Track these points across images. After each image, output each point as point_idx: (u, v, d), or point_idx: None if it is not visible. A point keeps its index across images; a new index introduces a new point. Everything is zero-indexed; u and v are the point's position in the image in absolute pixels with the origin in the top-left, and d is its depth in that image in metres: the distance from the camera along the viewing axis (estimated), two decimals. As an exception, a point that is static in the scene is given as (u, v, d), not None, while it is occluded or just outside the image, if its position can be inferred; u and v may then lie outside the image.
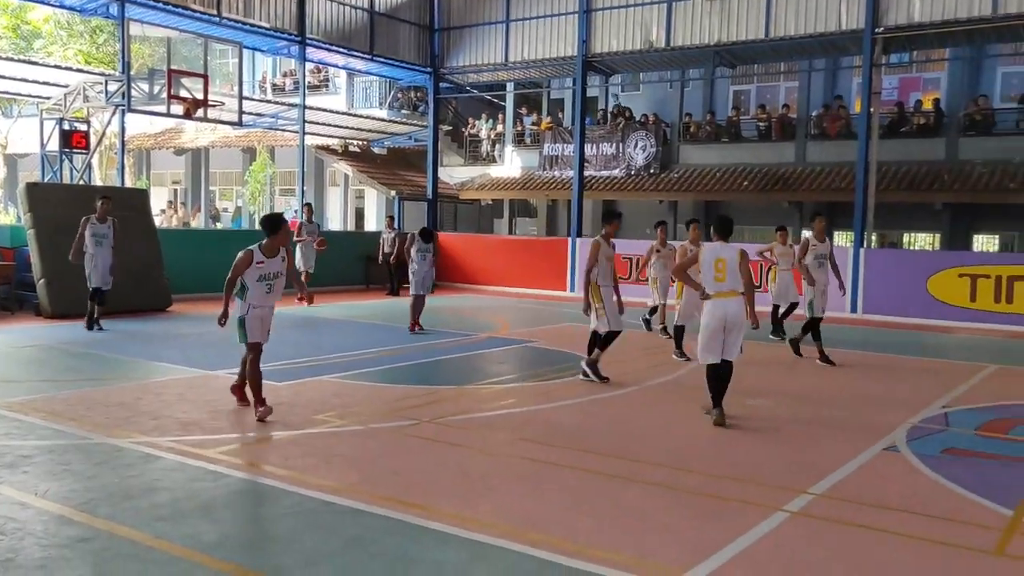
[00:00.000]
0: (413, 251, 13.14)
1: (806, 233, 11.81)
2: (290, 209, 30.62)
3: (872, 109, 18.26)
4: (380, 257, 19.94)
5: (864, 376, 10.23)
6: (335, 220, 30.90)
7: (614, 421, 7.62)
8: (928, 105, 22.59)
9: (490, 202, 29.77)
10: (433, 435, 6.82)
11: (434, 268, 14.06)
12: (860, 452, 6.56)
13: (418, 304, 13.08)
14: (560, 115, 28.41)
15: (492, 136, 29.32)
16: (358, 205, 31.25)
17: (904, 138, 21.92)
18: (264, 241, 7.22)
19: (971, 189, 20.31)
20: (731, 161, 24.48)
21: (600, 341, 9.32)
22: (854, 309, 17.07)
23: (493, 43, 22.69)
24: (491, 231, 30.29)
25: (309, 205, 17.61)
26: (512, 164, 28.38)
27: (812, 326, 11.00)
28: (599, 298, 9.24)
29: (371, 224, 29.51)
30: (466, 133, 29.86)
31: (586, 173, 24.39)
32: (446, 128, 29.45)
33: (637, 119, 26.04)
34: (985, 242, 23.32)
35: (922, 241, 24.14)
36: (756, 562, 4.38)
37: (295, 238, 16.09)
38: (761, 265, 16.52)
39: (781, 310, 13.44)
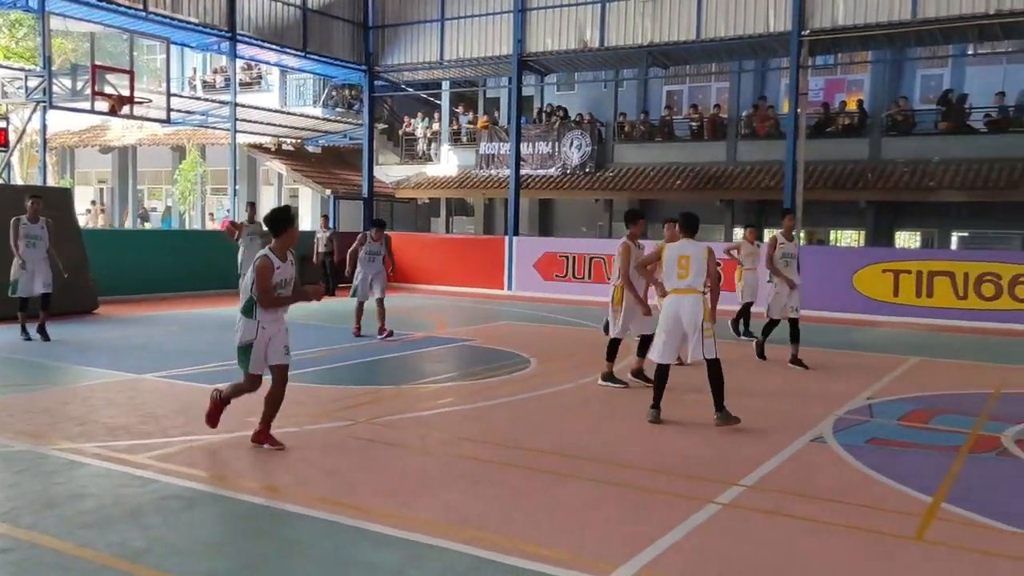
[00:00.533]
0: (362, 252, 12.49)
1: (774, 231, 11.54)
2: (222, 208, 30.04)
3: (799, 110, 18.74)
4: (315, 257, 19.70)
5: (794, 370, 10.47)
6: (269, 219, 30.36)
7: (551, 418, 7.67)
8: (852, 106, 23.28)
9: (427, 201, 29.66)
10: (370, 435, 6.78)
11: (384, 271, 12.78)
12: (789, 444, 6.74)
13: (361, 310, 12.57)
14: (496, 114, 28.49)
15: (428, 135, 29.21)
16: (293, 204, 30.81)
17: (830, 138, 22.54)
18: (272, 243, 6.23)
19: (893, 187, 21.00)
20: (665, 160, 24.85)
21: (610, 347, 9.11)
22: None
23: (428, 41, 22.61)
24: (428, 230, 30.19)
25: (252, 204, 17.24)
26: (449, 163, 28.32)
27: (771, 327, 11.02)
28: (620, 300, 8.94)
29: (307, 223, 29.13)
30: (402, 131, 29.71)
31: (522, 172, 24.49)
32: (382, 126, 29.26)
33: (572, 118, 26.24)
34: (907, 238, 24.14)
35: (848, 238, 24.87)
36: (688, 554, 4.47)
37: (235, 239, 15.38)
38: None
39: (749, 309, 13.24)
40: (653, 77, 25.55)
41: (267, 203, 30.87)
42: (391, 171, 29.00)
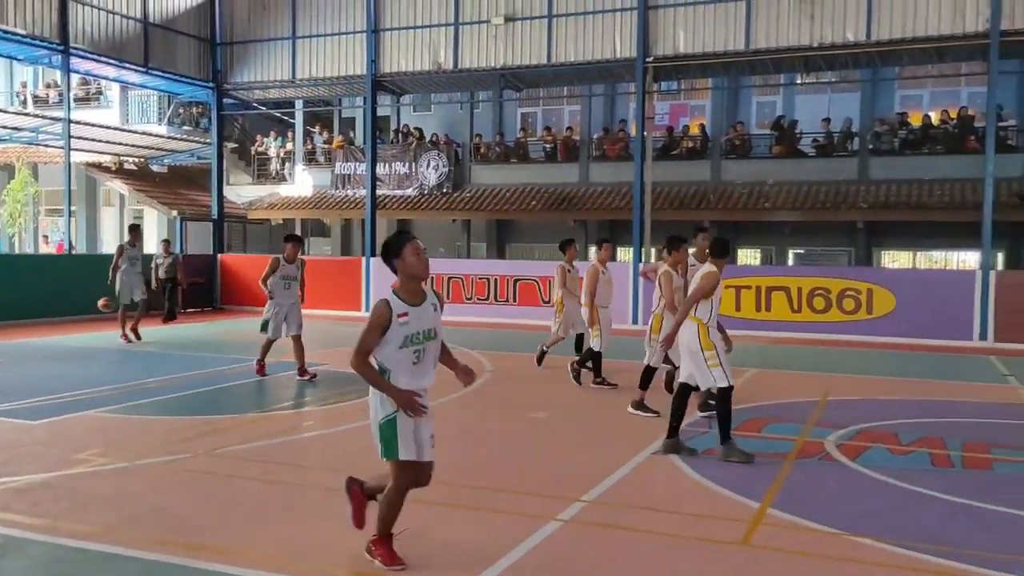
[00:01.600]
0: (274, 278, 10.65)
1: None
2: (57, 231, 28.27)
3: (646, 133, 19.50)
4: (155, 282, 18.66)
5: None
6: (110, 242, 28.79)
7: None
8: (695, 130, 24.46)
9: (281, 222, 28.91)
10: (208, 468, 6.50)
11: (299, 304, 10.96)
12: (631, 458, 6.93)
13: (268, 347, 10.86)
14: (352, 133, 28.19)
15: (282, 154, 28.56)
16: (138, 225, 29.30)
17: (675, 160, 23.58)
18: (395, 282, 4.51)
19: (733, 208, 22.18)
20: (520, 181, 25.29)
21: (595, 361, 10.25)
22: (635, 321, 18.09)
23: (280, 59, 22.13)
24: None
25: (135, 226, 15.64)
26: (303, 183, 27.76)
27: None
28: (659, 329, 8.83)
29: (151, 246, 27.78)
30: (254, 151, 28.90)
31: (379, 192, 24.32)
32: (232, 145, 28.37)
33: (429, 139, 26.31)
34: (749, 256, 25.49)
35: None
36: (527, 571, 4.52)
37: (114, 264, 14.27)
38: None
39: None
40: (507, 99, 25.99)
41: (110, 225, 29.29)
42: (243, 191, 28.14)
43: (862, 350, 15.08)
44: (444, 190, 25.30)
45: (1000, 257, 21.58)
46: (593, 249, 25.61)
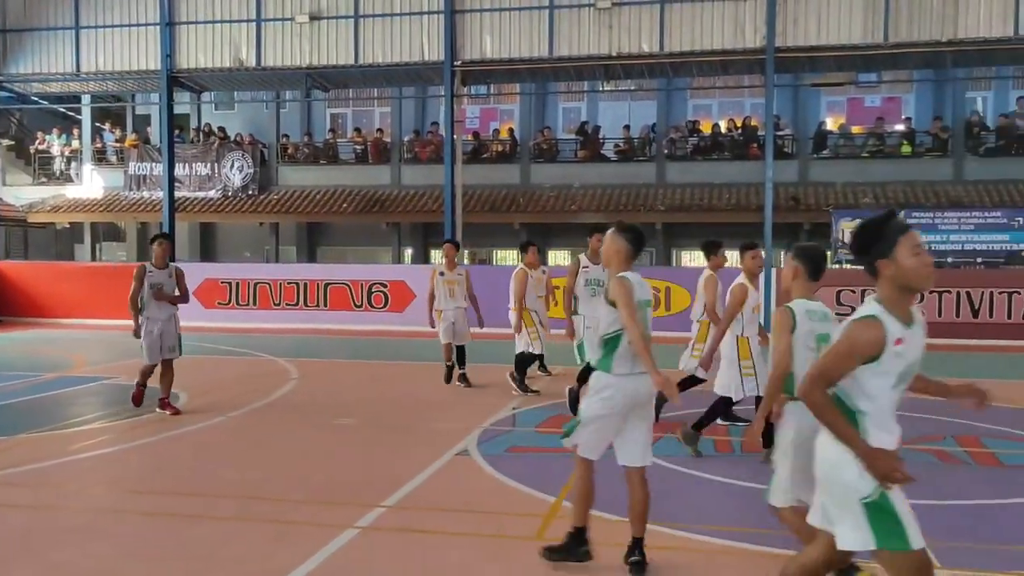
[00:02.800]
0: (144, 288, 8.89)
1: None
2: None
3: (456, 136, 19.67)
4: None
5: (455, 386, 10.84)
6: None
7: (192, 457, 7.21)
8: (505, 134, 24.94)
9: (68, 225, 26.76)
10: (-33, 497, 5.88)
11: (176, 319, 9.13)
12: (435, 460, 6.94)
13: (149, 372, 8.98)
14: (148, 132, 26.53)
15: (67, 152, 26.43)
16: None
17: (485, 163, 23.93)
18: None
19: (541, 210, 22.79)
20: (330, 183, 24.78)
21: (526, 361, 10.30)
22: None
23: (62, 50, 20.51)
24: (71, 257, 27.24)
25: None
26: (93, 184, 25.85)
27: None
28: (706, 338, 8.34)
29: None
30: (34, 148, 26.55)
31: (180, 194, 23.10)
32: (7, 142, 25.96)
33: (233, 139, 25.24)
34: (560, 257, 26.25)
35: (509, 258, 26.48)
36: (320, 584, 4.41)
37: None
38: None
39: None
40: (315, 99, 25.41)
41: None
42: (22, 192, 25.82)
43: (663, 345, 15.87)
44: (250, 192, 24.36)
45: (781, 255, 23.47)
46: (410, 251, 25.68)
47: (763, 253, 7.71)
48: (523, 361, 10.42)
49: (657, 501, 5.78)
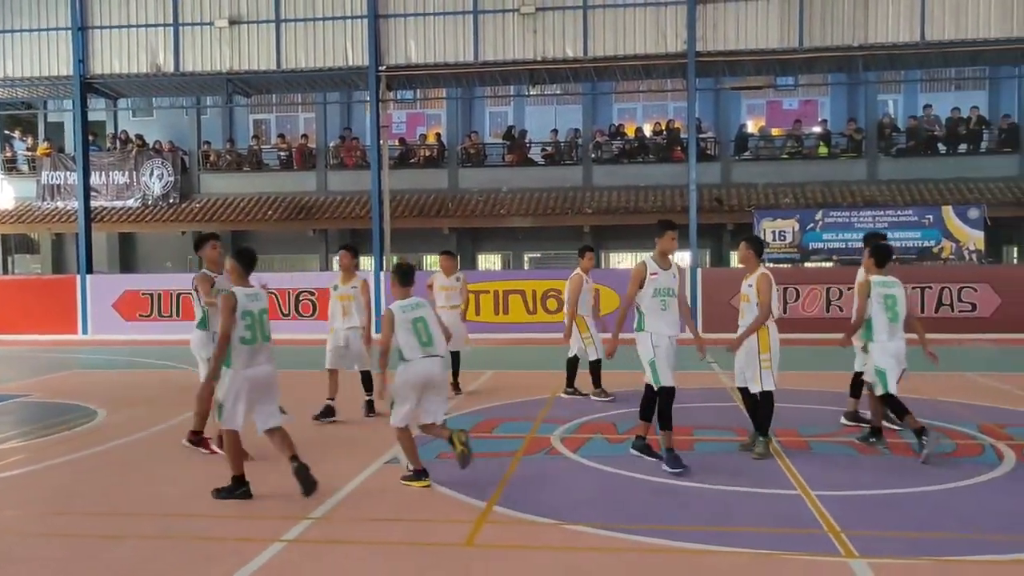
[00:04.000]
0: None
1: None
2: None
3: (381, 141, 19.53)
4: None
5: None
6: None
7: (112, 474, 6.97)
8: (432, 139, 24.86)
9: (-23, 237, 25.71)
10: None
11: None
12: (364, 469, 6.86)
13: None
14: (61, 140, 25.65)
15: (-25, 162, 25.38)
16: None
17: (413, 168, 23.83)
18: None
19: (471, 215, 22.78)
20: (255, 190, 24.35)
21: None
22: (379, 329, 17.99)
23: (-35, 55, 19.69)
24: (-19, 271, 26.17)
25: None
26: (3, 194, 24.87)
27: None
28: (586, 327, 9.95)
29: None
30: (-62, 158, 25.45)
31: (97, 203, 22.45)
32: (-91, 151, 24.82)
33: (152, 146, 24.58)
34: (490, 261, 26.28)
35: (438, 263, 26.37)
36: (245, 601, 4.30)
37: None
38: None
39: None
40: (237, 105, 24.90)
41: None
42: (-74, 203, 24.70)
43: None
44: (171, 200, 23.76)
45: (707, 255, 23.94)
46: (338, 259, 25.31)
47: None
48: (573, 366, 10.34)
49: (588, 504, 5.84)
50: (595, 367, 10.11)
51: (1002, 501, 5.84)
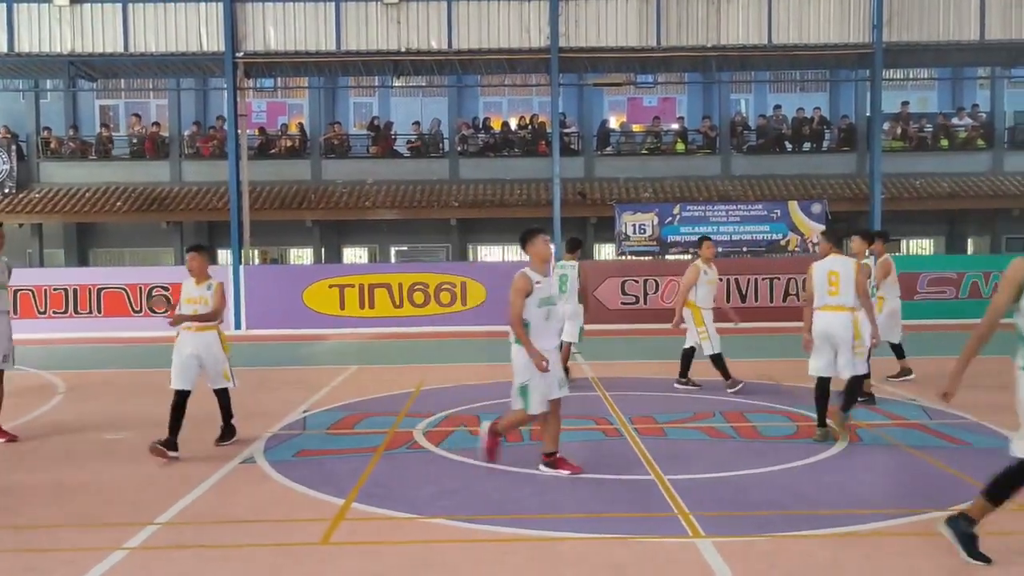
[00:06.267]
0: None
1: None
2: None
3: (239, 130, 18.84)
4: None
5: (239, 391, 10.34)
6: None
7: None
8: (294, 129, 24.20)
9: None
10: None
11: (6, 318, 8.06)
12: (217, 470, 6.59)
13: None
14: None
15: None
16: None
17: (274, 159, 23.12)
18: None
19: (335, 207, 22.33)
20: (102, 180, 23.00)
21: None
22: (238, 326, 17.40)
23: None
24: None
25: None
26: None
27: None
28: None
29: None
30: None
31: (-81, 193, 20.61)
32: None
33: (-15, 132, 22.80)
34: (356, 254, 25.85)
35: (302, 256, 25.74)
36: (79, 615, 4.04)
37: None
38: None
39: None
40: (81, 90, 23.42)
41: None
42: None
43: (458, 340, 16.08)
44: (6, 190, 22.11)
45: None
46: (184, 254, 24.21)
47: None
48: (688, 357, 9.97)
49: (447, 496, 5.83)
50: (718, 360, 9.59)
51: (835, 478, 6.22)
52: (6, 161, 22.11)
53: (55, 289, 17.72)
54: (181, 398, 7.14)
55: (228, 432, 7.60)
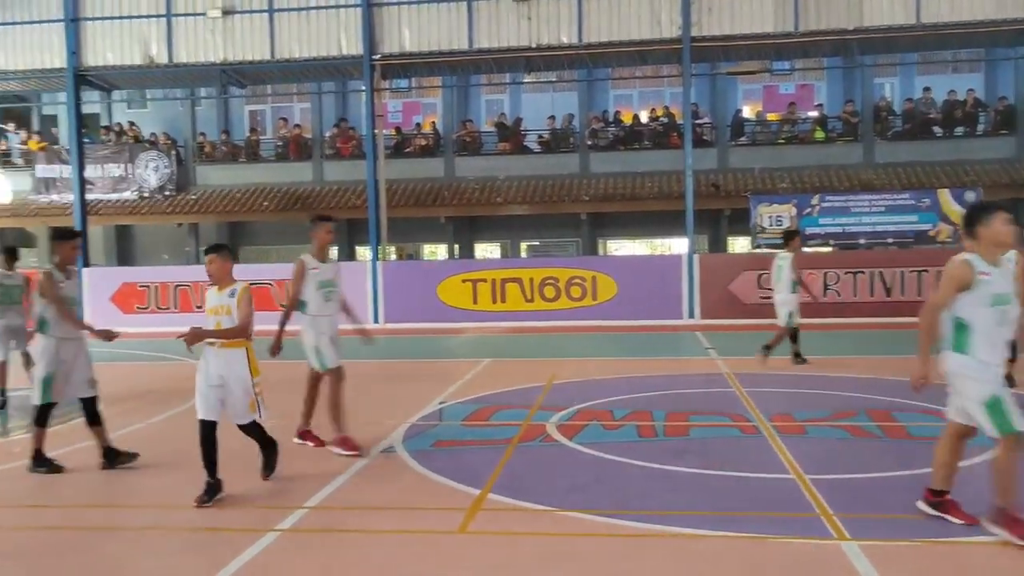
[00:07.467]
0: None
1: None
2: None
3: (377, 131, 19.46)
4: None
5: (378, 382, 10.73)
6: None
7: (95, 469, 6.92)
8: (428, 128, 24.80)
9: (-27, 232, 25.62)
10: None
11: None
12: (360, 459, 6.85)
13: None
14: (55, 132, 25.58)
15: (-31, 156, 25.31)
16: None
17: (409, 158, 23.76)
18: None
19: (467, 203, 22.74)
20: (251, 181, 24.31)
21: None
22: (376, 319, 18.01)
23: (-41, 49, 19.60)
24: (-22, 266, 26.08)
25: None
26: (-1, 188, 24.82)
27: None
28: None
29: None
30: (-67, 152, 25.38)
31: (93, 196, 22.39)
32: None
33: (147, 138, 24.51)
34: (487, 250, 26.26)
35: (436, 252, 26.40)
36: (238, 590, 4.31)
37: None
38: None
39: None
40: (232, 96, 24.83)
41: None
42: (-78, 199, 24.64)
43: (588, 334, 16.07)
44: (167, 192, 23.70)
45: (705, 241, 23.90)
46: (335, 249, 25.25)
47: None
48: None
49: (581, 490, 5.84)
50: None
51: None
52: (168, 165, 23.69)
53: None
54: (207, 430, 5.85)
55: (270, 460, 6.34)
